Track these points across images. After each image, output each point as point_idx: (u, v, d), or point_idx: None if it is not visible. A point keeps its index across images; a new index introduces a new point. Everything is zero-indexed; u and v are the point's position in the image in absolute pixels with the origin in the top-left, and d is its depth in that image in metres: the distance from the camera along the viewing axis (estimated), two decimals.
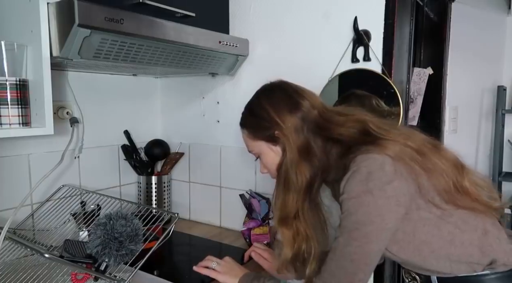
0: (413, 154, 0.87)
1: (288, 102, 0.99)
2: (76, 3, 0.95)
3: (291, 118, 0.96)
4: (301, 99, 0.99)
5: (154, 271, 1.23)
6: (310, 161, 0.96)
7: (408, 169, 0.86)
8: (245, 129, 1.05)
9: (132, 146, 1.67)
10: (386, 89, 1.25)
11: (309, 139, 0.96)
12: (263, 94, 1.04)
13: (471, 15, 2.00)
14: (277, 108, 0.98)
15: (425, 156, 0.88)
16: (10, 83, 0.99)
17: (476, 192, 0.92)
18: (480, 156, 2.38)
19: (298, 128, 0.96)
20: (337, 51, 1.33)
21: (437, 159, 0.89)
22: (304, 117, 0.97)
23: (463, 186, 0.90)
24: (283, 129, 0.96)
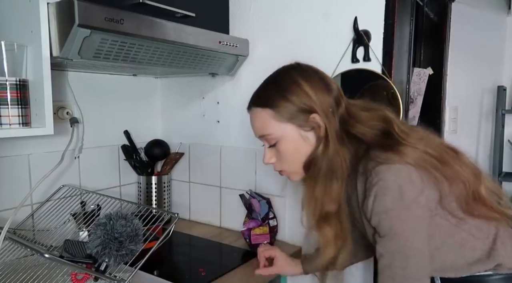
0: (433, 161, 0.84)
1: (323, 82, 0.91)
2: (76, 3, 0.95)
3: (329, 99, 0.89)
4: (331, 83, 0.93)
5: (154, 271, 1.23)
6: (346, 146, 0.90)
7: (430, 176, 0.83)
8: (269, 109, 0.92)
9: (132, 146, 1.67)
10: (386, 89, 1.25)
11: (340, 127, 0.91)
12: (295, 70, 0.94)
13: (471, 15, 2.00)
14: (315, 86, 0.89)
15: (446, 164, 0.86)
16: (10, 83, 0.99)
17: (491, 200, 0.90)
18: (480, 156, 2.38)
19: (334, 111, 0.89)
20: (337, 51, 1.33)
21: (458, 166, 0.87)
22: (336, 101, 0.90)
23: (480, 194, 0.88)
24: (323, 111, 0.88)
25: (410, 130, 0.90)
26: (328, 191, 0.91)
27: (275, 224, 1.46)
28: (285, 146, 0.93)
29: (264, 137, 0.96)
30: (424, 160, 0.83)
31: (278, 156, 0.96)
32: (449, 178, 0.85)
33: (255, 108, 0.96)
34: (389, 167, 0.82)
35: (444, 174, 0.84)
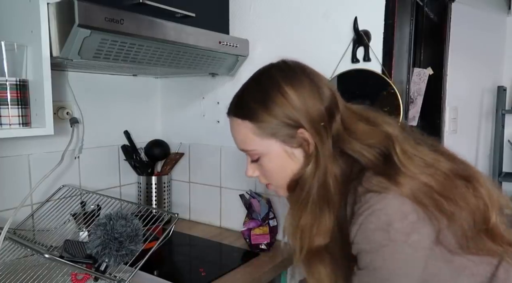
0: (433, 196, 0.72)
1: (313, 87, 0.77)
2: (76, 3, 0.95)
3: (321, 109, 0.75)
4: (323, 86, 0.79)
5: (154, 271, 1.23)
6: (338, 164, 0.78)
7: (427, 212, 0.71)
8: (249, 122, 0.81)
9: (132, 147, 1.67)
10: (386, 90, 1.25)
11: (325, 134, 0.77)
12: (279, 72, 0.81)
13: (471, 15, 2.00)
14: (303, 93, 0.76)
15: (450, 199, 0.72)
16: (10, 83, 0.99)
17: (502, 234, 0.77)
18: (480, 156, 2.38)
19: (326, 124, 0.76)
20: (337, 51, 1.33)
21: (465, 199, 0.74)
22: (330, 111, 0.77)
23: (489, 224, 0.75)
24: (312, 125, 0.76)
25: (416, 151, 0.76)
26: (318, 222, 0.78)
27: (275, 224, 1.46)
28: (268, 163, 0.83)
29: (245, 152, 0.87)
30: (424, 193, 0.71)
31: (261, 171, 0.87)
32: (450, 215, 0.72)
33: (234, 118, 0.85)
34: (381, 196, 0.70)
35: (444, 211, 0.72)
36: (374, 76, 1.26)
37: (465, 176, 0.76)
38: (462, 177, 0.76)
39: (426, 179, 0.72)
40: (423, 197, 0.71)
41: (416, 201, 0.70)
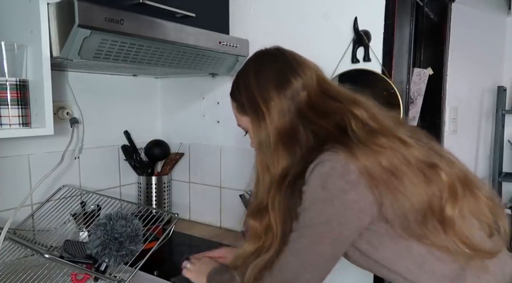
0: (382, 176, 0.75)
1: (276, 77, 0.88)
2: (76, 3, 0.95)
3: (277, 98, 0.86)
4: (292, 75, 0.87)
5: (154, 272, 1.23)
6: (289, 148, 0.85)
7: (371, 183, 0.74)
8: (233, 101, 0.97)
9: (132, 147, 1.67)
10: (386, 90, 1.25)
11: (296, 124, 0.85)
12: (252, 64, 0.93)
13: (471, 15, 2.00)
14: (263, 83, 0.88)
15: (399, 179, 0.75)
16: (10, 83, 0.99)
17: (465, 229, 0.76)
18: (480, 156, 2.38)
19: (283, 109, 0.85)
20: (337, 51, 1.33)
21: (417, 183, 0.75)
22: (294, 98, 0.86)
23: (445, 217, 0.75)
24: (266, 107, 0.86)
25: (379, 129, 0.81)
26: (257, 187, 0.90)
27: None
28: (251, 135, 0.94)
29: (239, 127, 0.99)
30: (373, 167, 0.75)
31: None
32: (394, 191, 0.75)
33: (230, 96, 0.99)
34: (334, 154, 0.76)
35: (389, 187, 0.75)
36: (374, 76, 1.26)
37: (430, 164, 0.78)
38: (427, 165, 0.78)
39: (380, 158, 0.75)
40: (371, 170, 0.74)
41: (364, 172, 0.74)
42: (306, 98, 0.86)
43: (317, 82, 0.89)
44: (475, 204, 0.80)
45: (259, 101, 0.87)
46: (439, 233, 0.76)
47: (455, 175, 0.79)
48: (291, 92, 0.86)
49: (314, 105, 0.86)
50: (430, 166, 0.78)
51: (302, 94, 0.86)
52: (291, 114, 0.86)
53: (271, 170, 0.87)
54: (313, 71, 0.91)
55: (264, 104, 0.86)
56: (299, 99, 0.86)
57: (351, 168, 0.74)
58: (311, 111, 0.85)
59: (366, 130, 0.80)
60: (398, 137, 0.80)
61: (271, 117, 0.86)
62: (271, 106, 0.86)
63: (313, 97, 0.87)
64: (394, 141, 0.79)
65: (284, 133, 0.85)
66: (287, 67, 0.89)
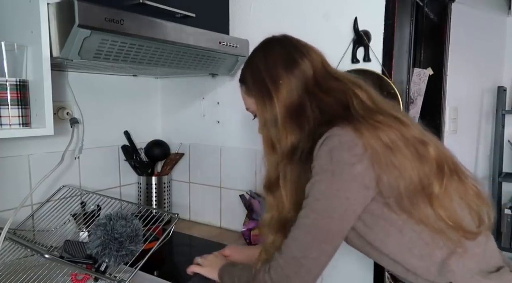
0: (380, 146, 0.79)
1: (284, 58, 0.93)
2: (76, 3, 0.95)
3: (286, 76, 0.91)
4: (299, 57, 0.93)
5: (154, 272, 1.23)
6: (299, 124, 0.89)
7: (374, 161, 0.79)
8: (243, 85, 1.01)
9: (132, 147, 1.67)
10: (386, 90, 1.25)
11: (304, 100, 0.90)
12: (261, 49, 0.99)
13: (471, 15, 2.00)
14: (272, 64, 0.93)
15: (394, 154, 0.80)
16: (10, 83, 0.99)
17: (450, 207, 0.81)
18: (480, 156, 2.38)
19: (292, 87, 0.90)
20: (337, 51, 1.33)
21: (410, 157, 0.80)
22: (301, 77, 0.91)
23: (432, 193, 0.80)
24: (275, 85, 0.91)
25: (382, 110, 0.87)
26: (268, 162, 0.95)
27: None
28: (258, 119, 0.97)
29: (247, 110, 1.03)
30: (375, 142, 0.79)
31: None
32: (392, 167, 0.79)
33: (239, 82, 1.03)
34: (342, 129, 0.81)
35: (388, 163, 0.79)
36: (374, 77, 1.26)
37: (421, 140, 0.83)
38: (418, 141, 0.83)
39: (378, 133, 0.80)
40: (373, 145, 0.79)
41: (368, 145, 0.79)
42: (312, 77, 0.92)
43: (322, 64, 0.95)
44: (462, 187, 0.85)
45: (267, 81, 0.92)
46: (426, 207, 0.80)
47: (444, 156, 0.85)
48: (299, 72, 0.91)
49: (319, 83, 0.91)
50: (422, 143, 0.83)
51: (308, 73, 0.92)
52: (299, 92, 0.90)
53: (280, 145, 0.91)
54: (318, 55, 0.97)
55: (272, 83, 0.91)
56: (306, 77, 0.91)
57: (357, 142, 0.79)
58: (316, 88, 0.91)
59: (365, 108, 0.86)
60: (394, 115, 0.86)
61: (279, 95, 0.90)
62: (280, 84, 0.91)
63: (319, 76, 0.92)
64: (391, 119, 0.84)
65: (293, 109, 0.90)
66: (294, 50, 0.95)
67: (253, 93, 0.96)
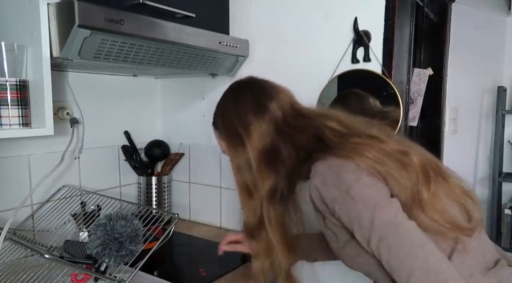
0: (370, 163, 0.81)
1: (254, 103, 0.95)
2: (76, 3, 0.95)
3: (256, 122, 0.92)
4: (268, 100, 0.94)
5: (154, 272, 1.23)
6: (274, 167, 0.91)
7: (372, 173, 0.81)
8: (215, 130, 1.03)
9: (132, 147, 1.67)
10: (386, 90, 1.25)
11: (277, 142, 0.92)
12: (230, 95, 1.01)
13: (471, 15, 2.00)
14: (242, 110, 0.95)
15: (384, 166, 0.82)
16: (10, 83, 0.99)
17: (441, 207, 0.82)
18: (480, 156, 2.38)
19: (263, 131, 0.92)
20: (337, 51, 1.33)
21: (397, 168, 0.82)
22: (271, 120, 0.93)
23: (422, 198, 0.81)
24: (247, 132, 0.92)
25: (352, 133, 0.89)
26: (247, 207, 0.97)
27: None
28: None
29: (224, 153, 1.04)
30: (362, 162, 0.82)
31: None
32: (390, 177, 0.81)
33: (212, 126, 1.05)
34: (324, 161, 0.83)
35: (381, 174, 0.81)
36: (374, 77, 1.26)
37: (402, 151, 0.85)
38: (400, 152, 0.85)
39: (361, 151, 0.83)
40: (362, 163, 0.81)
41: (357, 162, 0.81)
42: (282, 118, 0.93)
43: (290, 104, 0.96)
44: (448, 187, 0.86)
45: (238, 127, 0.94)
46: (420, 213, 0.81)
47: (426, 161, 0.86)
48: (269, 115, 0.93)
49: (289, 123, 0.93)
50: (403, 153, 0.85)
51: (278, 115, 0.93)
52: (271, 135, 0.92)
53: (258, 190, 0.93)
54: (286, 95, 0.98)
55: (243, 130, 0.93)
56: (276, 119, 0.93)
57: (347, 162, 0.82)
58: (288, 128, 0.92)
59: (339, 135, 0.88)
60: (369, 135, 0.88)
61: (251, 140, 0.92)
62: (251, 130, 0.92)
63: (288, 117, 0.94)
64: (367, 138, 0.87)
65: (266, 153, 0.92)
66: (262, 93, 0.96)
67: (225, 139, 0.98)
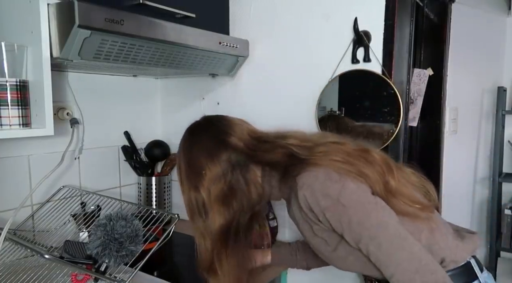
0: (342, 166, 0.88)
1: (208, 145, 0.98)
2: (76, 4, 0.95)
3: (211, 164, 0.96)
4: (227, 136, 0.97)
5: (154, 272, 1.23)
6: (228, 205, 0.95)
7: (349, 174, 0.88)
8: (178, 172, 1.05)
9: (132, 147, 1.67)
10: (386, 90, 1.25)
11: (234, 180, 0.95)
12: (189, 140, 1.03)
13: (471, 15, 2.00)
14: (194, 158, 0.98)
15: (353, 165, 0.89)
16: (10, 84, 0.99)
17: (408, 192, 0.92)
18: (480, 157, 2.38)
19: (218, 173, 0.95)
20: (337, 52, 1.33)
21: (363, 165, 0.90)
22: (230, 157, 0.96)
23: (391, 187, 0.90)
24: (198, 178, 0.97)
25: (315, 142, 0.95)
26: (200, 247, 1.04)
27: (275, 225, 1.46)
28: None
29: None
30: (335, 165, 0.88)
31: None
32: (362, 174, 0.88)
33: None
34: (308, 173, 0.88)
35: (356, 172, 0.88)
36: (374, 77, 1.26)
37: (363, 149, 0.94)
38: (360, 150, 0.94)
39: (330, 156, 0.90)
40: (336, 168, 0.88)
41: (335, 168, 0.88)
42: (245, 147, 0.97)
43: (248, 134, 1.00)
44: (405, 175, 0.97)
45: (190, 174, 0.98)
46: (394, 200, 0.89)
47: (384, 156, 0.96)
48: (227, 154, 0.96)
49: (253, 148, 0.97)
50: (365, 151, 0.94)
51: (240, 146, 0.97)
52: (228, 175, 0.95)
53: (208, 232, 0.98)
54: (241, 126, 1.01)
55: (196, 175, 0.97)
56: (239, 150, 0.96)
57: (328, 171, 0.87)
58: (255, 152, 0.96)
59: (304, 149, 0.93)
60: (328, 141, 0.96)
61: (205, 185, 0.96)
62: (203, 175, 0.96)
63: (250, 145, 0.98)
64: (329, 145, 0.94)
65: (220, 194, 0.95)
66: (217, 133, 0.99)
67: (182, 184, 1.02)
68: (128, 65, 1.22)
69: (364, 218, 0.84)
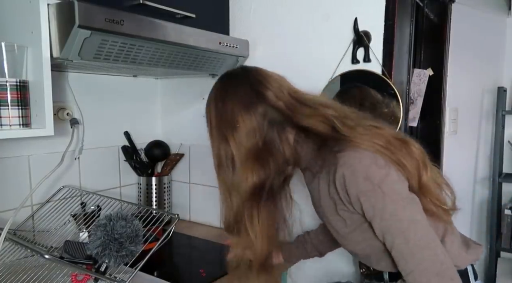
0: (384, 151, 0.86)
1: (245, 96, 0.90)
2: (76, 4, 0.95)
3: (247, 116, 0.89)
4: (264, 89, 0.90)
5: (154, 272, 1.23)
6: (262, 163, 0.89)
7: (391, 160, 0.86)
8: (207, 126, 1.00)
9: (132, 147, 1.67)
10: (386, 90, 1.25)
11: (269, 137, 0.89)
12: (221, 89, 0.95)
13: (471, 16, 2.00)
14: (230, 106, 0.91)
15: (393, 153, 0.87)
16: (11, 84, 0.99)
17: (436, 192, 0.92)
18: (480, 157, 2.38)
19: (253, 127, 0.89)
20: (337, 52, 1.33)
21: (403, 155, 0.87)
22: (266, 112, 0.89)
23: (423, 184, 0.89)
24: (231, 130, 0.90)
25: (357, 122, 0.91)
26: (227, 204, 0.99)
27: None
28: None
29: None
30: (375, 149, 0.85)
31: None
32: (401, 164, 0.87)
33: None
34: (350, 153, 0.85)
35: (396, 160, 0.86)
36: (374, 77, 1.26)
37: (402, 139, 0.91)
38: (400, 140, 0.90)
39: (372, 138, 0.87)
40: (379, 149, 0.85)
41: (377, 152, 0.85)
42: (284, 105, 0.90)
43: (287, 92, 0.93)
44: (434, 175, 0.94)
45: (223, 124, 0.92)
46: (423, 198, 0.88)
47: (422, 151, 0.92)
48: (263, 108, 0.89)
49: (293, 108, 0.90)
50: (403, 142, 0.90)
51: (278, 103, 0.90)
52: (263, 130, 0.89)
53: (239, 188, 0.91)
54: (281, 82, 0.94)
55: (229, 127, 0.90)
56: (277, 107, 0.89)
57: (373, 154, 0.84)
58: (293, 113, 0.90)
59: (346, 126, 0.89)
60: (369, 124, 0.92)
61: (237, 138, 0.90)
62: (237, 127, 0.89)
63: (289, 104, 0.91)
64: (369, 128, 0.90)
65: (254, 151, 0.89)
66: (256, 83, 0.91)
67: (210, 133, 0.97)
68: (128, 65, 1.22)
69: (398, 210, 0.83)
